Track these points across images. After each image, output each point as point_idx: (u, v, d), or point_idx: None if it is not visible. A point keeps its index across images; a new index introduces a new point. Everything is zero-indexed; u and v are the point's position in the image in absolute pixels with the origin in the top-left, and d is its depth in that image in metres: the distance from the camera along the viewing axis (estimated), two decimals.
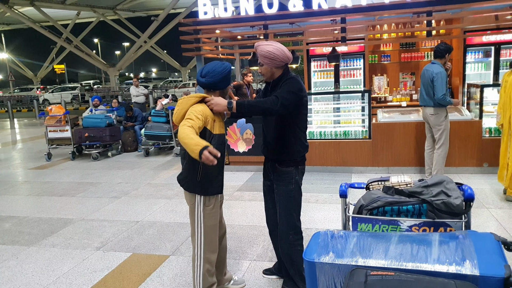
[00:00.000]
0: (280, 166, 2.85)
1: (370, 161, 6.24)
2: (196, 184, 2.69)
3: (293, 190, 2.84)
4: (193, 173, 2.68)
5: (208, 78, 2.62)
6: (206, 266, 2.79)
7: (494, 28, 6.91)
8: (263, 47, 2.70)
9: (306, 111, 2.83)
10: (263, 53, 2.70)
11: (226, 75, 2.66)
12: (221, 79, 2.64)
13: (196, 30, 7.25)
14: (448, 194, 1.99)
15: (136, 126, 9.41)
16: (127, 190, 6.11)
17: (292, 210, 2.88)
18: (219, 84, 2.66)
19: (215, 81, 2.63)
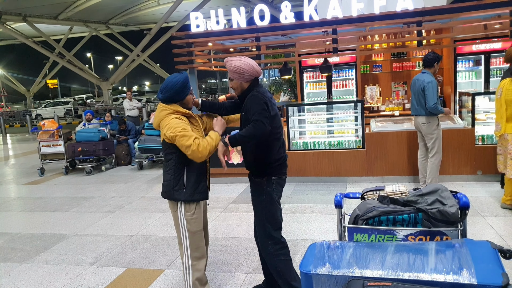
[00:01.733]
0: (254, 177, 2.92)
1: (365, 171, 6.25)
2: (181, 192, 2.74)
3: (264, 200, 2.87)
4: (178, 182, 2.75)
5: (164, 93, 2.71)
6: (196, 275, 2.83)
7: (483, 37, 7.03)
8: (231, 62, 2.76)
9: (276, 121, 2.84)
10: (231, 68, 2.76)
11: (180, 86, 2.69)
12: (176, 91, 2.69)
13: (188, 43, 7.28)
14: (443, 203, 1.99)
15: (129, 140, 9.37)
16: (121, 204, 6.05)
17: (265, 221, 2.89)
18: (175, 97, 2.72)
19: (170, 95, 2.70)
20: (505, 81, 4.56)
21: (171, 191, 2.78)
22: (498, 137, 4.71)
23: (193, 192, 2.76)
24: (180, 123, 2.62)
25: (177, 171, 2.75)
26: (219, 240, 4.35)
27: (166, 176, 2.81)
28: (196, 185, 2.77)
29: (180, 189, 2.76)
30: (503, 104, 4.52)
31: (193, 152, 2.54)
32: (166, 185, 2.81)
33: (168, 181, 2.79)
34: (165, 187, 2.82)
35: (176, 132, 2.56)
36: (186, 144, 2.54)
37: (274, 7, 21.32)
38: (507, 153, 4.57)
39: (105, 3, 23.85)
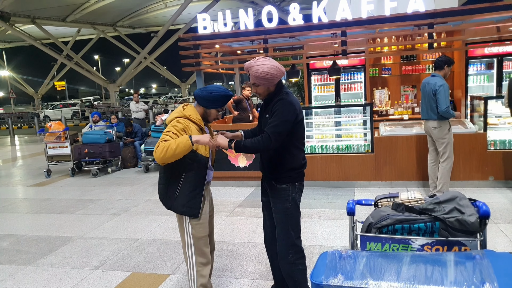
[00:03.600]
0: (276, 183, 2.75)
1: (373, 176, 6.14)
2: (173, 199, 2.69)
3: (290, 207, 2.74)
4: (171, 188, 2.69)
5: (202, 91, 2.73)
6: (200, 281, 2.77)
7: (496, 40, 6.89)
8: (258, 68, 2.56)
9: (301, 128, 2.74)
10: (259, 74, 2.57)
11: (215, 96, 2.70)
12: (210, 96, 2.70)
13: (195, 45, 7.24)
14: (462, 211, 1.90)
15: (136, 142, 9.34)
16: (127, 207, 6.00)
17: (290, 228, 2.77)
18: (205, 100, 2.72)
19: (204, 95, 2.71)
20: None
21: (164, 195, 2.75)
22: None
23: (183, 205, 2.67)
24: (174, 126, 2.58)
25: (171, 176, 2.69)
26: (225, 245, 4.27)
27: (160, 179, 2.77)
28: (188, 198, 2.67)
29: (171, 197, 2.70)
30: None
31: (154, 154, 2.53)
32: (160, 188, 2.78)
33: (161, 185, 2.76)
34: (159, 190, 2.79)
35: (163, 135, 2.58)
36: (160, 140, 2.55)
37: (282, 9, 21.29)
38: None
39: (113, 5, 23.98)
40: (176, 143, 2.47)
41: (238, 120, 7.40)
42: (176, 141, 2.49)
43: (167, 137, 2.54)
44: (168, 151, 2.46)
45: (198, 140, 2.55)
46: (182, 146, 2.48)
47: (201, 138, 2.56)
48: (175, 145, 2.47)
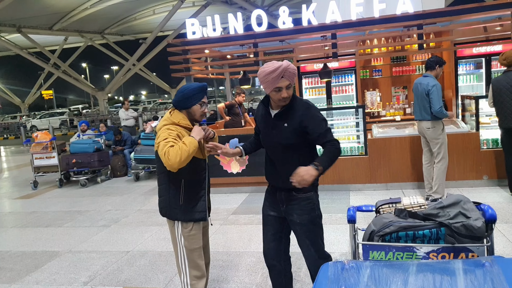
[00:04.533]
0: (298, 193, 2.51)
1: (368, 178, 6.07)
2: (178, 209, 2.58)
3: (317, 216, 2.58)
4: (174, 197, 2.58)
5: (175, 96, 2.65)
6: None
7: (483, 40, 6.90)
8: (292, 65, 2.38)
9: None
10: (295, 72, 2.41)
11: (188, 92, 2.59)
12: (184, 96, 2.60)
13: (184, 51, 7.13)
14: (467, 216, 1.81)
15: (125, 150, 9.17)
16: (117, 218, 5.83)
17: (319, 239, 2.61)
18: (182, 102, 2.61)
19: (178, 99, 2.62)
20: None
21: (167, 208, 2.64)
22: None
23: (190, 211, 2.59)
24: (168, 133, 2.48)
25: (172, 186, 2.60)
26: (219, 255, 4.14)
27: (160, 191, 2.66)
28: (194, 203, 2.60)
29: (176, 207, 2.60)
30: None
31: (164, 161, 2.40)
32: (161, 201, 2.67)
33: (162, 197, 2.65)
34: (161, 203, 2.67)
35: (158, 142, 2.47)
36: (160, 153, 2.42)
37: (270, 14, 21.30)
38: None
39: (100, 13, 23.76)
40: (188, 145, 2.41)
41: (230, 125, 7.29)
42: (186, 143, 2.41)
43: (171, 142, 2.42)
44: (183, 153, 2.36)
45: (197, 135, 2.53)
46: (193, 146, 2.44)
47: (197, 132, 2.55)
48: (187, 147, 2.40)
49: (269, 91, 2.42)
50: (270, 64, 2.38)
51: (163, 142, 2.44)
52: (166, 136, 2.46)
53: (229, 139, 6.45)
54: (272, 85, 2.38)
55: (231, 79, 9.91)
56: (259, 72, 2.42)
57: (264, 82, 2.40)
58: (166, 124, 2.58)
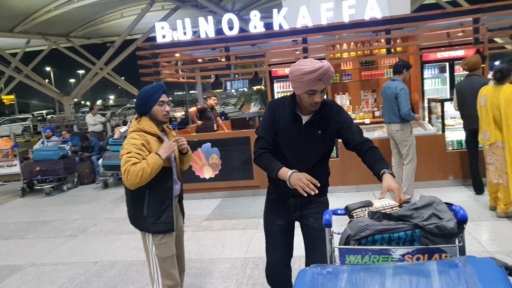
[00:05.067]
0: (318, 197, 2.30)
1: (339, 180, 6.13)
2: (143, 220, 2.50)
3: None
4: (138, 208, 2.50)
5: (135, 103, 2.59)
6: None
7: (447, 45, 7.16)
8: (332, 68, 2.14)
9: None
10: (332, 75, 2.15)
11: (143, 97, 2.52)
12: (140, 101, 2.54)
13: (154, 54, 6.99)
14: (440, 217, 1.83)
15: (93, 157, 8.88)
16: (85, 227, 5.62)
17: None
18: (140, 108, 2.55)
19: (136, 105, 2.55)
20: (488, 87, 4.50)
21: (133, 217, 2.57)
22: (488, 146, 4.50)
23: (155, 222, 2.50)
24: (132, 144, 2.41)
25: (135, 196, 2.51)
26: (192, 262, 4.05)
27: (127, 201, 2.59)
28: (159, 214, 2.51)
29: (141, 217, 2.52)
30: (490, 112, 4.37)
31: (123, 178, 2.36)
32: (128, 210, 2.59)
33: (128, 207, 2.58)
34: (128, 212, 2.59)
35: (122, 155, 2.41)
36: (121, 169, 2.36)
37: (241, 18, 21.34)
38: (502, 162, 4.36)
39: (65, 15, 23.04)
40: (150, 166, 2.34)
41: (202, 130, 7.20)
42: (149, 163, 2.34)
43: (134, 158, 2.35)
44: (143, 175, 2.32)
45: (164, 153, 2.43)
46: (156, 168, 2.37)
47: (166, 149, 2.44)
48: (149, 168, 2.33)
49: (300, 92, 2.17)
50: (309, 62, 2.11)
51: (125, 156, 2.38)
52: (130, 150, 2.39)
53: (201, 144, 6.37)
54: (306, 87, 2.12)
55: (203, 83, 9.82)
56: (292, 69, 2.16)
57: (297, 81, 2.14)
58: (132, 130, 2.52)
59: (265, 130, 2.33)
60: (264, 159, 2.28)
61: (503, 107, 4.21)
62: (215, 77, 7.73)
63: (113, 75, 34.61)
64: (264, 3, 23.24)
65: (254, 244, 4.40)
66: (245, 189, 6.36)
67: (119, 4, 23.40)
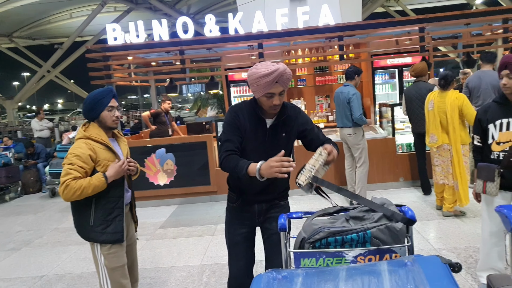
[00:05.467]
0: (281, 200, 2.46)
1: (294, 184, 6.19)
2: (90, 230, 2.40)
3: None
4: (85, 218, 2.40)
5: (82, 109, 2.56)
6: None
7: (396, 52, 7.50)
8: (288, 70, 2.15)
9: None
10: (290, 77, 2.17)
11: (90, 102, 2.44)
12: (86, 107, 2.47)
13: (105, 57, 6.75)
14: (390, 218, 1.89)
15: (39, 164, 8.40)
16: (29, 239, 5.28)
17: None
18: (88, 114, 2.48)
19: (83, 111, 2.50)
20: (434, 93, 4.73)
21: (79, 227, 2.45)
22: (436, 148, 4.71)
23: (102, 232, 2.40)
24: (76, 155, 2.32)
25: (82, 204, 2.40)
26: (147, 272, 3.92)
27: (72, 210, 2.46)
28: (107, 224, 2.40)
29: (87, 227, 2.40)
30: (437, 116, 4.58)
31: (59, 190, 2.30)
32: (74, 220, 2.46)
33: (74, 217, 2.46)
34: (74, 222, 2.46)
35: (64, 164, 2.34)
36: (60, 179, 2.30)
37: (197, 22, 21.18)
38: (448, 163, 4.59)
39: (8, 14, 21.71)
40: (91, 187, 2.28)
41: (156, 135, 7.02)
42: (91, 184, 2.28)
43: (75, 172, 2.28)
44: (82, 195, 2.28)
45: (112, 176, 2.36)
46: (98, 190, 2.32)
47: (115, 173, 2.37)
48: (90, 188, 2.28)
49: (259, 95, 2.18)
50: (264, 65, 2.11)
51: (67, 167, 2.30)
52: (72, 162, 2.31)
53: (156, 149, 6.21)
54: (264, 90, 2.12)
55: (157, 87, 9.60)
56: (250, 73, 2.16)
57: (254, 84, 2.14)
58: (79, 137, 2.42)
59: (230, 133, 2.27)
60: (231, 159, 2.20)
61: (449, 112, 4.46)
62: (170, 80, 7.58)
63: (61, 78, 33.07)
64: (220, 7, 23.23)
65: (210, 251, 4.34)
66: (201, 195, 6.27)
67: (67, 4, 22.42)
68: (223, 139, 2.28)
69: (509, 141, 2.70)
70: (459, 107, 4.40)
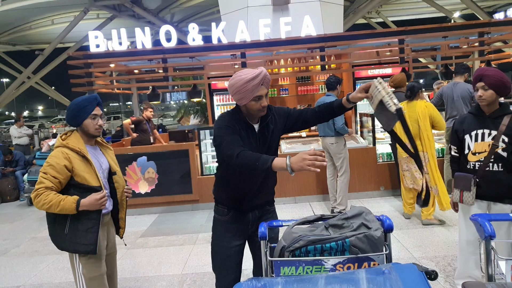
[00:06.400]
0: (271, 205, 2.53)
1: (277, 192, 6.16)
2: (64, 239, 2.37)
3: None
4: (59, 226, 2.37)
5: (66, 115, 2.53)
6: None
7: (376, 63, 7.66)
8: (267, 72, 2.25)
9: None
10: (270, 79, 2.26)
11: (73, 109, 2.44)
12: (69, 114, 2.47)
13: (87, 64, 6.69)
14: (368, 226, 1.92)
15: (17, 172, 8.20)
16: (5, 249, 5.14)
17: None
18: (70, 121, 2.48)
19: (67, 117, 2.49)
20: (403, 104, 4.89)
21: (53, 235, 2.41)
22: (405, 157, 4.88)
23: (76, 242, 2.36)
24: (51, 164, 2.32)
25: (58, 214, 2.36)
26: (127, 281, 3.86)
27: (47, 218, 2.42)
28: (81, 235, 2.36)
29: (62, 236, 2.37)
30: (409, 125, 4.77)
31: (32, 196, 2.30)
32: (48, 228, 2.43)
33: (49, 224, 2.42)
34: (48, 230, 2.43)
35: (40, 172, 2.34)
36: (35, 186, 2.30)
37: (180, 30, 21.18)
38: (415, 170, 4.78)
39: None
40: (59, 207, 2.27)
41: (137, 143, 6.95)
42: (60, 205, 2.27)
43: (48, 181, 2.28)
44: (49, 209, 2.29)
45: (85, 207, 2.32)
46: (65, 212, 2.31)
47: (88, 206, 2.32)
48: (57, 208, 2.27)
49: (247, 101, 2.18)
50: (247, 71, 2.16)
51: (41, 175, 2.31)
52: (46, 171, 2.31)
53: (137, 157, 6.15)
54: (252, 94, 2.15)
55: (139, 94, 9.54)
56: (233, 81, 2.18)
57: (241, 91, 2.15)
58: (56, 146, 2.42)
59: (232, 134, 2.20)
60: (249, 154, 2.09)
61: (421, 120, 4.68)
62: (152, 88, 7.55)
63: (42, 85, 32.51)
64: (203, 16, 23.29)
65: (191, 260, 4.30)
66: (183, 204, 6.23)
67: (49, 10, 22.12)
68: (225, 138, 2.18)
69: (484, 152, 2.78)
70: (429, 114, 4.66)
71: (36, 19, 24.11)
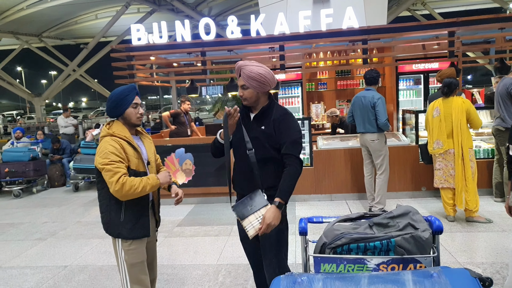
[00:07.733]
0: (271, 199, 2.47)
1: (313, 189, 6.13)
2: (120, 226, 2.42)
3: (284, 228, 2.46)
4: (115, 214, 2.43)
5: (106, 105, 2.53)
6: None
7: (422, 57, 7.33)
8: (252, 68, 2.34)
9: None
10: (252, 75, 2.34)
11: (115, 98, 2.45)
12: (112, 103, 2.47)
13: (129, 57, 6.86)
14: (416, 227, 1.83)
15: (64, 159, 8.60)
16: (54, 230, 5.40)
17: (283, 253, 2.48)
18: (112, 111, 2.49)
19: (108, 107, 2.50)
20: (438, 101, 4.77)
21: (108, 224, 2.46)
22: (439, 154, 4.77)
23: (132, 228, 2.44)
24: (110, 152, 2.33)
25: (112, 202, 2.43)
26: (164, 268, 3.94)
27: (101, 207, 2.49)
28: (136, 220, 2.45)
29: (118, 223, 2.43)
30: (443, 122, 4.67)
31: (115, 191, 2.29)
32: (103, 217, 2.49)
33: (103, 213, 2.48)
34: (102, 219, 2.49)
35: (103, 164, 2.32)
36: (109, 180, 2.29)
37: (218, 24, 21.32)
38: (449, 167, 4.69)
39: (38, 14, 22.36)
40: (150, 185, 2.39)
41: (175, 135, 7.08)
42: (148, 183, 2.38)
43: (121, 169, 2.31)
44: (141, 192, 2.35)
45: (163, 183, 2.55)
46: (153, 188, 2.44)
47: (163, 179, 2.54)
48: (149, 187, 2.38)
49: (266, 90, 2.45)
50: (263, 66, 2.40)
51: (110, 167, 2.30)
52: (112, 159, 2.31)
53: (175, 149, 6.24)
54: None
55: (178, 88, 9.69)
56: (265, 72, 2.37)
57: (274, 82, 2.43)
58: (103, 135, 2.44)
59: None
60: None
61: (457, 114, 4.57)
62: (191, 81, 7.64)
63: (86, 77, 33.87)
64: (242, 9, 23.31)
65: (226, 251, 4.33)
66: (218, 196, 6.29)
67: (93, 5, 22.93)
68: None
69: None
70: (466, 110, 4.55)
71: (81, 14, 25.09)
